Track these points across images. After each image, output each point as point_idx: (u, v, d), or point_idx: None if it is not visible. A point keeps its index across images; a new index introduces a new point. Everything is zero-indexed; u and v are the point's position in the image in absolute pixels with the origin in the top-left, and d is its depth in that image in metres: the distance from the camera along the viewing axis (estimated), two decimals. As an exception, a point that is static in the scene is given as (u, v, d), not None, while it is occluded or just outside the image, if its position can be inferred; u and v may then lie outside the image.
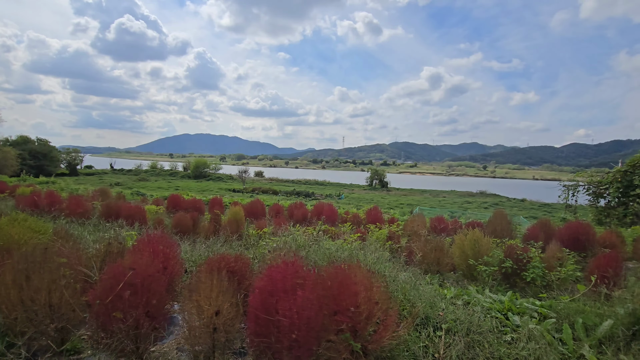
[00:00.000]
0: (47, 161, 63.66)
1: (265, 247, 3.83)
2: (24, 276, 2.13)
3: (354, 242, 4.90)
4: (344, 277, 2.00)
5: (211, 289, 1.97)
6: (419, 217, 7.35)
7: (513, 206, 55.17)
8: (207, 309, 1.96)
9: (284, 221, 6.68)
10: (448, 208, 45.49)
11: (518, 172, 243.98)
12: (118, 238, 3.17)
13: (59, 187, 14.51)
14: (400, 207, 42.28)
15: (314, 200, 40.23)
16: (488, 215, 28.46)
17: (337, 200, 46.18)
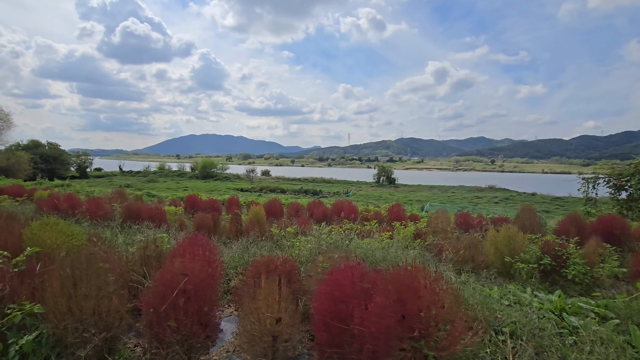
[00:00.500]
0: (58, 164, 64.49)
1: (300, 248, 3.69)
2: (71, 283, 2.02)
3: (384, 241, 4.75)
4: (411, 279, 1.85)
5: (272, 295, 1.84)
6: (443, 213, 7.15)
7: (524, 200, 54.43)
8: (269, 317, 1.82)
9: (306, 220, 6.55)
10: (458, 203, 45.03)
11: (527, 166, 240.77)
12: (154, 241, 3.06)
13: (74, 189, 14.58)
14: (409, 203, 41.92)
15: (323, 198, 40.08)
16: (499, 210, 27.94)
17: (345, 198, 45.98)
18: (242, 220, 7.25)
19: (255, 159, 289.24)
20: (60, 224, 3.33)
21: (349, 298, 1.65)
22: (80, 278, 2.03)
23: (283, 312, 1.84)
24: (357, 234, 5.53)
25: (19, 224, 3.28)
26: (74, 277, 2.03)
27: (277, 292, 1.86)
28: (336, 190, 60.30)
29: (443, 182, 79.87)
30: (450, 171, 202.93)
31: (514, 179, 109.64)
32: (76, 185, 17.16)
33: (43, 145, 65.80)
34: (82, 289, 2.01)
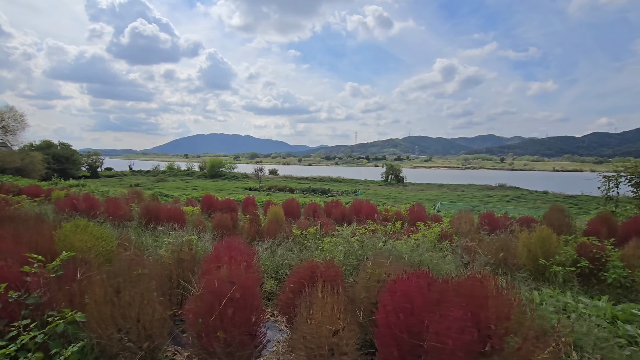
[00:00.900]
0: (70, 164, 65.45)
1: (330, 250, 3.56)
2: (114, 290, 1.93)
3: (412, 242, 4.59)
4: (480, 289, 1.71)
5: (329, 305, 1.71)
6: (466, 213, 6.96)
7: (536, 199, 53.58)
8: (327, 328, 1.70)
9: (327, 221, 6.42)
10: (468, 202, 44.48)
11: (537, 164, 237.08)
12: (188, 244, 2.96)
13: (89, 189, 14.72)
14: (419, 200, 41.49)
15: (331, 197, 39.90)
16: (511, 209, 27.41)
17: (354, 197, 45.73)
18: (261, 221, 7.16)
19: (262, 158, 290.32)
20: (90, 226, 3.26)
21: (420, 310, 1.52)
22: (124, 285, 1.93)
23: (341, 323, 1.71)
24: (383, 235, 5.38)
25: (49, 226, 3.23)
26: (117, 284, 1.93)
27: (334, 301, 1.74)
28: (344, 189, 60.09)
29: (452, 181, 79.11)
30: (458, 169, 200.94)
31: (525, 177, 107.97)
32: (90, 185, 17.33)
33: (55, 146, 66.88)
34: (125, 296, 1.92)
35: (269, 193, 47.61)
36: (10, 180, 17.43)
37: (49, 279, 2.26)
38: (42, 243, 3.06)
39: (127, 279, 1.98)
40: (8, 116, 32.45)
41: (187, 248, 2.88)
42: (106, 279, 1.95)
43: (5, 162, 31.61)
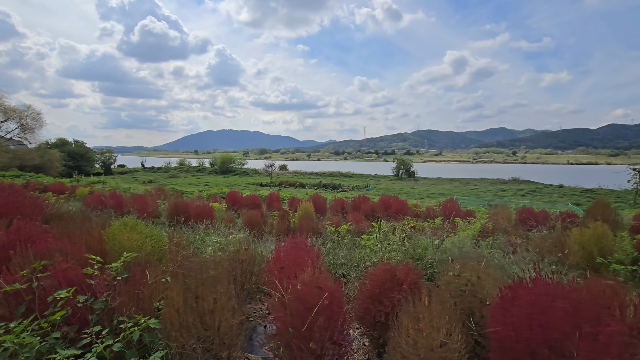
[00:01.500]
0: (84, 162, 66.56)
1: (386, 250, 3.39)
2: (193, 295, 1.78)
3: (458, 239, 4.39)
4: (611, 295, 1.50)
5: (436, 314, 1.54)
6: (502, 208, 6.70)
7: (552, 193, 52.49)
8: (432, 341, 1.53)
9: (360, 217, 6.24)
10: (482, 196, 43.77)
11: (550, 157, 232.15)
12: (247, 243, 2.82)
13: (110, 186, 14.85)
14: (431, 196, 40.99)
15: (342, 192, 39.71)
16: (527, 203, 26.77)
17: (366, 192, 45.41)
18: (290, 217, 7.02)
19: (271, 153, 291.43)
20: (140, 224, 3.14)
21: (557, 323, 1.33)
22: (203, 290, 1.79)
23: (448, 334, 1.54)
24: (419, 231, 5.19)
25: (97, 224, 3.12)
26: (196, 289, 1.79)
27: (439, 309, 1.56)
28: (356, 184, 59.78)
29: (463, 175, 78.06)
30: (469, 163, 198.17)
31: (538, 170, 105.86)
32: (110, 181, 17.55)
33: (70, 143, 68.05)
34: (206, 301, 1.77)
35: (280, 189, 47.64)
36: (33, 177, 17.73)
37: (115, 282, 2.14)
38: (92, 243, 2.96)
39: (200, 282, 1.84)
40: (26, 114, 33.08)
41: (245, 248, 2.74)
42: (182, 282, 1.81)
43: (25, 160, 32.27)
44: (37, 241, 2.40)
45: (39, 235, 2.51)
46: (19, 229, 2.47)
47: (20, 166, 31.39)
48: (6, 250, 2.30)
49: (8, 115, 31.68)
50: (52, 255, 2.19)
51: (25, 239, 2.39)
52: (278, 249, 2.49)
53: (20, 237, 2.38)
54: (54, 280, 2.05)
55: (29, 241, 2.37)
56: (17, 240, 2.35)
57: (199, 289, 1.78)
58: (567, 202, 34.27)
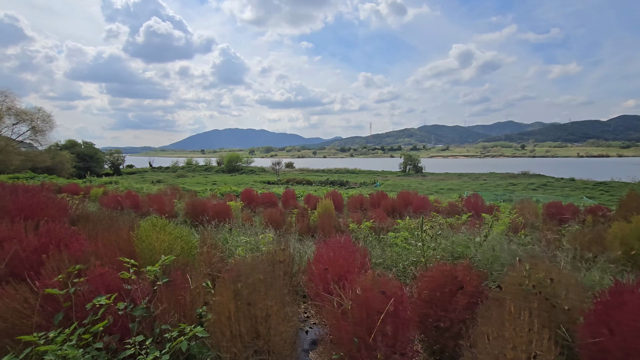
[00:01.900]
0: (94, 162, 67.31)
1: (426, 249, 3.20)
2: (245, 303, 1.64)
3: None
4: None
5: (526, 322, 1.37)
6: (528, 203, 6.47)
7: (563, 186, 51.65)
8: (522, 353, 1.35)
9: (382, 214, 6.06)
10: (492, 191, 43.20)
11: (560, 150, 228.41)
12: (285, 244, 2.67)
13: (122, 186, 14.89)
14: (440, 192, 40.56)
15: (351, 189, 39.52)
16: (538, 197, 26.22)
17: (374, 188, 45.14)
18: (309, 215, 6.87)
19: (277, 151, 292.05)
20: (169, 225, 3.01)
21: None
22: (255, 296, 1.64)
23: (537, 346, 1.37)
24: (448, 228, 4.99)
25: (125, 225, 3.00)
26: (248, 295, 1.64)
27: (528, 320, 1.39)
28: (363, 181, 59.47)
29: (471, 170, 77.26)
30: (477, 158, 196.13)
31: (548, 164, 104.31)
32: (123, 182, 17.60)
33: (79, 145, 68.83)
34: (259, 308, 1.62)
35: (288, 186, 47.61)
36: (46, 178, 17.87)
37: (155, 287, 2.00)
38: (122, 244, 2.84)
39: (252, 287, 1.69)
40: (37, 117, 33.47)
41: (282, 248, 2.59)
42: (232, 287, 1.66)
43: (37, 162, 32.67)
44: (70, 244, 2.28)
45: (70, 238, 2.39)
46: (50, 232, 2.36)
47: (32, 168, 31.78)
48: (38, 254, 2.18)
49: (20, 118, 32.07)
50: (87, 259, 2.06)
51: (57, 242, 2.27)
52: (320, 248, 2.33)
53: (52, 240, 2.26)
54: (90, 286, 1.93)
55: (61, 244, 2.25)
56: (49, 243, 2.23)
57: (252, 295, 1.63)
58: (580, 196, 33.54)
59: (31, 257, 2.17)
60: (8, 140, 32.39)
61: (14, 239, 2.24)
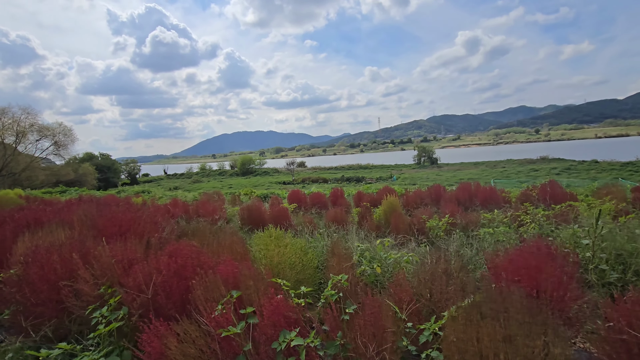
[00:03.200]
0: (111, 173, 68.53)
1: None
2: (502, 335, 1.23)
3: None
4: None
5: None
6: (615, 187, 5.91)
7: (588, 169, 50.02)
8: None
9: (456, 208, 5.60)
10: (514, 178, 42.04)
11: (576, 132, 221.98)
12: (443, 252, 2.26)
13: (155, 195, 14.79)
14: (460, 181, 39.59)
15: (367, 185, 38.99)
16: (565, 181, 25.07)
17: (392, 182, 44.47)
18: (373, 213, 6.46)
19: (287, 151, 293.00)
20: (285, 236, 2.64)
21: None
22: (519, 328, 1.23)
23: None
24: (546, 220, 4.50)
25: (239, 239, 2.64)
26: (505, 325, 1.23)
27: None
28: (378, 176, 58.78)
29: (485, 158, 75.54)
30: (490, 146, 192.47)
31: (565, 147, 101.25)
32: (155, 190, 17.55)
33: (96, 157, 70.20)
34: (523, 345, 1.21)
35: (304, 185, 47.35)
36: (77, 191, 17.99)
37: (346, 315, 1.62)
38: (238, 260, 2.48)
39: (506, 314, 1.28)
40: (58, 131, 34.05)
41: (442, 258, 2.18)
42: (476, 311, 1.27)
43: (60, 176, 33.21)
44: (214, 266, 1.92)
45: (203, 257, 2.03)
46: (178, 251, 2.00)
47: (56, 182, 32.31)
48: (179, 279, 1.83)
49: (42, 133, 32.67)
50: (245, 284, 1.69)
51: (194, 264, 1.91)
52: (515, 253, 1.92)
53: (188, 262, 1.90)
54: (259, 317, 1.56)
55: (202, 266, 1.90)
56: (189, 266, 1.88)
57: (513, 326, 1.23)
58: (609, 178, 32.07)
59: (170, 281, 1.82)
60: (33, 156, 33.04)
61: (142, 261, 1.90)
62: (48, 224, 2.86)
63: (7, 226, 2.81)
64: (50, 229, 2.72)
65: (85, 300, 1.91)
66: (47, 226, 2.78)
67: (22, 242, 2.50)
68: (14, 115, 30.67)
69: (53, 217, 3.25)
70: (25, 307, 2.01)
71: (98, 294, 1.90)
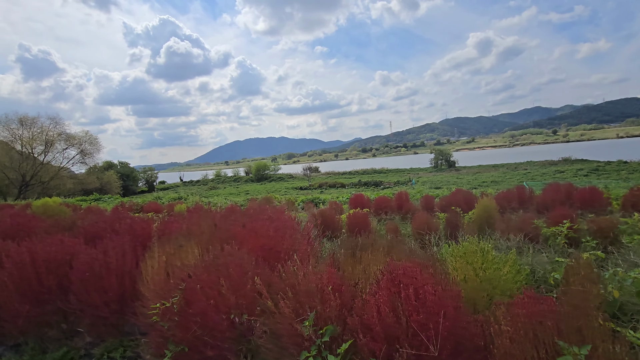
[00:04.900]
0: (130, 181, 69.65)
1: None
2: None
3: None
4: None
5: None
6: None
7: (618, 169, 48.00)
8: None
9: (567, 213, 4.94)
10: (539, 180, 40.60)
11: (596, 132, 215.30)
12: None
13: (191, 202, 14.47)
14: (484, 185, 38.38)
15: (386, 190, 38.14)
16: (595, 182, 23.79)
17: (412, 186, 43.49)
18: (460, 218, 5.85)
19: (299, 157, 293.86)
20: (488, 249, 2.08)
21: None
22: None
23: None
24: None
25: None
26: None
27: None
28: (396, 180, 57.80)
29: (502, 160, 73.58)
30: (506, 148, 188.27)
31: (585, 148, 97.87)
32: (190, 197, 17.33)
33: (115, 165, 71.44)
34: None
35: (322, 190, 46.84)
36: (111, 198, 17.92)
37: None
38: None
39: None
40: (84, 140, 34.56)
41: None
42: None
43: (86, 184, 33.62)
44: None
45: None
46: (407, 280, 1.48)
47: (82, 190, 32.70)
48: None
49: (69, 142, 33.19)
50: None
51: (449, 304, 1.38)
52: None
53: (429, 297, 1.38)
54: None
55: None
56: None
57: None
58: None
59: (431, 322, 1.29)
60: (58, 166, 33.57)
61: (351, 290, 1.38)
62: (167, 236, 2.41)
63: (123, 239, 2.36)
64: (177, 243, 2.24)
65: (292, 342, 1.40)
66: (168, 239, 2.31)
67: (152, 259, 2.03)
68: (42, 125, 31.32)
69: (165, 228, 2.81)
70: (192, 347, 1.51)
71: (307, 335, 1.39)
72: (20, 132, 30.33)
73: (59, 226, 3.23)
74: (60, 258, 2.30)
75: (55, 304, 2.25)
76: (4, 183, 28.76)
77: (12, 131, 30.34)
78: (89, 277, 2.13)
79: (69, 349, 2.29)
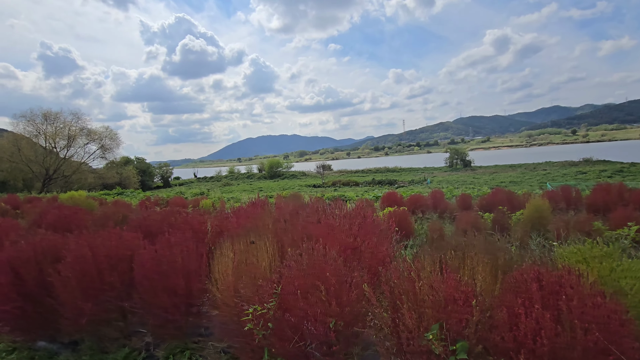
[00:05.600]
0: (146, 176, 70.88)
1: None
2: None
3: None
4: None
5: None
6: None
7: (644, 171, 46.04)
8: None
9: (633, 213, 4.59)
10: (560, 181, 39.37)
11: (618, 133, 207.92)
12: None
13: (214, 197, 14.50)
14: (501, 186, 37.38)
15: (401, 188, 37.60)
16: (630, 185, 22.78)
17: (428, 186, 42.78)
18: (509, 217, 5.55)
19: (311, 155, 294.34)
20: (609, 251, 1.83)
21: None
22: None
23: None
24: None
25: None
26: None
27: None
28: (410, 179, 57.02)
29: (519, 160, 71.63)
30: (523, 147, 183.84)
31: (607, 148, 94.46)
32: (212, 193, 17.34)
33: (132, 161, 72.81)
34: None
35: (336, 188, 46.53)
36: (134, 193, 18.13)
37: None
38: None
39: None
40: (105, 135, 35.20)
41: None
42: None
43: (107, 178, 34.30)
44: None
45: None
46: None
47: (102, 184, 33.37)
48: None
49: (90, 138, 33.89)
50: None
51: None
52: None
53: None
54: None
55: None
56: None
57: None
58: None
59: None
60: (79, 161, 34.37)
61: None
62: (227, 232, 2.26)
63: (186, 235, 2.22)
64: (246, 240, 2.07)
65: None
66: (230, 235, 2.15)
67: (223, 256, 1.87)
68: (64, 120, 32.06)
69: (222, 223, 2.66)
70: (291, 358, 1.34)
71: (438, 353, 1.19)
72: (44, 127, 31.13)
73: (109, 219, 3.13)
74: (120, 254, 2.18)
75: (116, 302, 2.13)
76: (28, 176, 29.56)
77: (36, 126, 31.16)
78: (155, 275, 1.99)
79: (131, 350, 2.17)
